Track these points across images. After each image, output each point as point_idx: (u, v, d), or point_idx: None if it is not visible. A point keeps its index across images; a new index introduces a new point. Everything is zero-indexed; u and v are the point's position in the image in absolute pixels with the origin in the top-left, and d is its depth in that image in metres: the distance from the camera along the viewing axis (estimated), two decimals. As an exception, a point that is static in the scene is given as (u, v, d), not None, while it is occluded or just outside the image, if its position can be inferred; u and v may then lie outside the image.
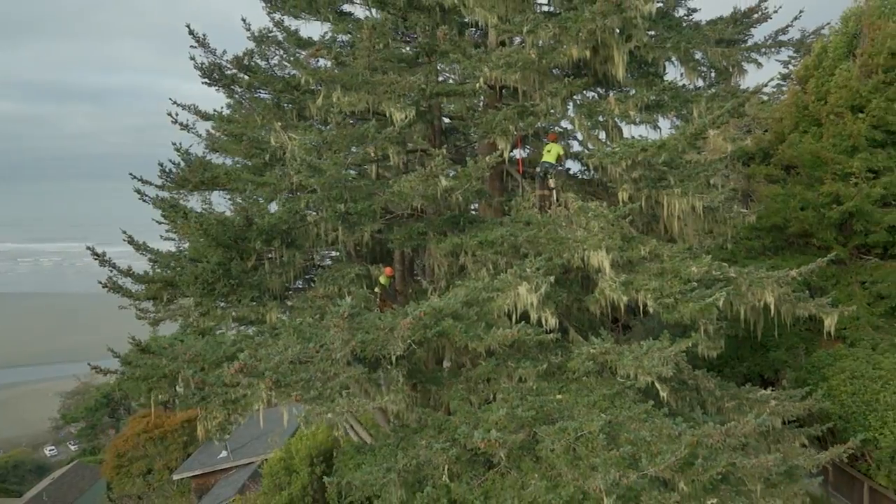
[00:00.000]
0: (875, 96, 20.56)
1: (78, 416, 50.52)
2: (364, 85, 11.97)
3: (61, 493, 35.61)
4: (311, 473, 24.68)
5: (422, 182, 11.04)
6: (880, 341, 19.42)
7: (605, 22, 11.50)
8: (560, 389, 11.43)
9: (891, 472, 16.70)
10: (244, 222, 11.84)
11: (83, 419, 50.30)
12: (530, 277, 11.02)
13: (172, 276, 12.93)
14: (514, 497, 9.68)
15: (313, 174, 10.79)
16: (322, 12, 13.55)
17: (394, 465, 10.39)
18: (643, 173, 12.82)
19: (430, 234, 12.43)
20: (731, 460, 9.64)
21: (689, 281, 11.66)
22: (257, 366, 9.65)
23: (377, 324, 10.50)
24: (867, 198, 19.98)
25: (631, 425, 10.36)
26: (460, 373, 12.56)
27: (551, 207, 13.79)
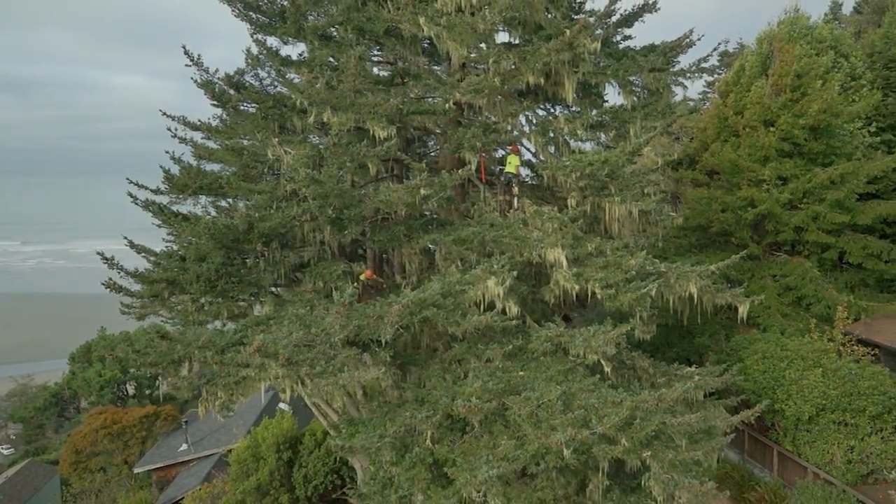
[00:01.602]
0: (783, 112, 23.45)
1: (26, 416, 50.05)
2: (351, 106, 13.75)
3: (15, 492, 35.70)
4: (279, 459, 26.23)
5: (407, 192, 12.93)
6: (787, 327, 22.34)
7: (558, 56, 13.62)
8: (522, 367, 13.48)
9: (795, 438, 19.47)
10: (246, 226, 13.46)
11: (31, 419, 49.86)
12: (497, 272, 13.03)
13: (175, 275, 14.37)
14: (489, 454, 11.66)
15: (313, 185, 12.53)
16: (308, 37, 15.23)
17: (384, 432, 12.25)
18: (588, 183, 14.98)
19: (408, 236, 14.31)
20: (662, 420, 11.90)
21: (628, 272, 13.90)
22: (270, 346, 11.33)
23: (369, 311, 12.32)
24: (777, 202, 22.85)
25: (581, 395, 12.48)
26: (435, 355, 14.52)
27: (511, 211, 15.87)
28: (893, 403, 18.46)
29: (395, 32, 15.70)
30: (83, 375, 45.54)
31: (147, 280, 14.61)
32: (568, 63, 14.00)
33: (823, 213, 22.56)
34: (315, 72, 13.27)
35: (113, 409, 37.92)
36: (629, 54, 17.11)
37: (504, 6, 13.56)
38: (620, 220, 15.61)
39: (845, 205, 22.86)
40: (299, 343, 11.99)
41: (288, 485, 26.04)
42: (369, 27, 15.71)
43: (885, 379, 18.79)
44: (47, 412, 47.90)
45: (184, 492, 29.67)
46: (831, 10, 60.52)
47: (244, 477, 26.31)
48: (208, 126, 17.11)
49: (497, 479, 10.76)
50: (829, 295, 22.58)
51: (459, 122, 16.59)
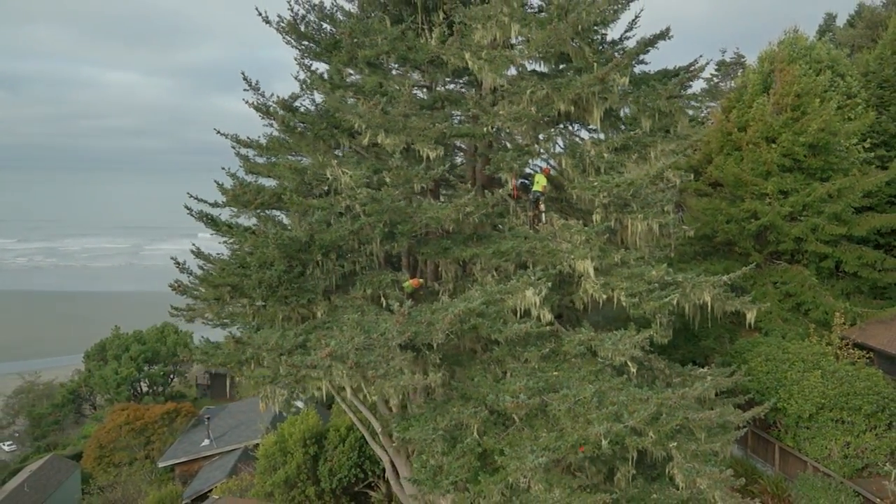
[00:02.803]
0: (785, 130, 25.05)
1: (44, 412, 51.29)
2: (403, 129, 15.22)
3: (40, 485, 36.97)
4: (305, 454, 27.67)
5: (454, 210, 14.42)
6: (788, 331, 23.94)
7: (589, 88, 15.14)
8: (556, 368, 15.00)
9: (796, 435, 21.05)
10: (308, 238, 14.92)
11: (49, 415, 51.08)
12: (535, 283, 14.53)
13: (238, 281, 15.80)
14: (532, 445, 13.15)
15: (373, 203, 14.01)
16: (359, 65, 16.69)
17: (437, 425, 13.74)
18: (612, 200, 16.52)
19: (452, 248, 15.79)
20: (685, 416, 13.44)
21: (650, 283, 15.43)
22: (339, 350, 12.78)
23: (421, 318, 13.79)
24: (778, 214, 24.45)
25: (611, 393, 14.00)
26: (474, 356, 16.01)
27: (539, 225, 17.38)
28: (886, 403, 20.09)
29: (436, 61, 17.16)
30: (100, 373, 46.81)
31: (212, 284, 16.00)
32: (598, 93, 15.50)
33: (822, 225, 24.17)
34: (375, 99, 14.68)
35: (135, 406, 39.28)
36: (647, 81, 18.61)
37: (540, 43, 15.05)
38: (640, 234, 17.13)
39: (842, 217, 24.48)
40: (360, 346, 13.45)
41: (314, 478, 27.47)
42: (412, 56, 17.19)
43: (878, 380, 20.41)
44: (65, 408, 49.13)
45: (210, 485, 31.07)
46: (825, 22, 62.36)
47: (272, 470, 27.72)
48: (259, 144, 18.55)
49: (542, 466, 12.25)
50: (827, 301, 24.19)
51: (491, 144, 18.12)
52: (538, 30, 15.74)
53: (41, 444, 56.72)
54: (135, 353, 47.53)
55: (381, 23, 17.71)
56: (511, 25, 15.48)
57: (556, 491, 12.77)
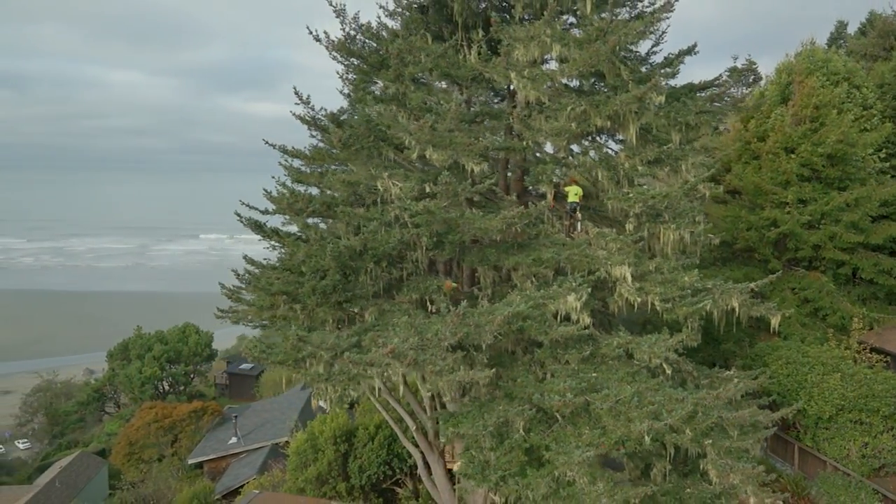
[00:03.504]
0: (804, 141, 25.93)
1: (70, 409, 52.41)
2: (450, 145, 16.16)
3: (71, 480, 38.04)
4: (336, 451, 28.60)
5: (501, 221, 15.35)
6: (807, 336, 24.80)
7: (627, 106, 16.05)
8: (594, 369, 15.91)
9: (815, 435, 21.93)
10: (362, 247, 15.86)
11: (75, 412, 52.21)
12: (577, 288, 15.45)
13: (293, 288, 16.74)
14: (576, 441, 14.07)
15: (426, 215, 14.95)
16: (405, 82, 17.63)
17: (485, 422, 14.66)
18: (645, 210, 17.43)
19: (496, 255, 16.72)
20: (720, 415, 14.34)
21: (683, 288, 16.32)
22: (399, 349, 13.70)
23: (470, 321, 14.70)
24: (797, 223, 25.33)
25: (648, 393, 14.89)
26: (515, 357, 16.93)
27: (575, 233, 18.31)
28: (903, 405, 20.97)
29: (477, 78, 18.11)
30: (124, 372, 47.88)
31: (269, 292, 16.93)
32: (634, 110, 16.41)
33: (839, 233, 25.04)
34: (425, 118, 15.61)
35: (162, 404, 40.32)
36: (676, 96, 19.52)
37: (581, 63, 15.97)
38: (671, 242, 18.02)
39: (859, 226, 25.35)
40: (415, 346, 14.37)
41: (344, 474, 28.39)
42: (454, 73, 18.15)
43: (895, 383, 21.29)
44: (90, 406, 50.20)
45: (240, 481, 32.04)
46: (836, 30, 63.08)
47: (303, 467, 28.66)
48: (305, 154, 19.52)
49: (589, 461, 13.17)
50: (844, 307, 25.05)
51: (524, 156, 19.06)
52: (576, 49, 16.67)
53: (62, 441, 57.83)
54: (158, 352, 48.59)
55: (423, 40, 18.68)
56: (552, 45, 16.40)
57: (599, 484, 13.68)
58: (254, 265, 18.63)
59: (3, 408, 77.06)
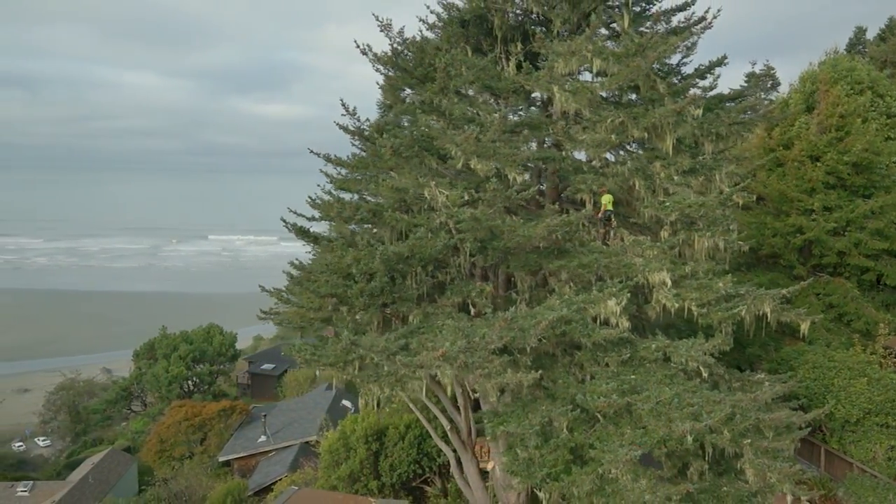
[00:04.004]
0: (829, 150, 26.45)
1: (99, 408, 53.45)
2: (493, 155, 16.85)
3: (103, 476, 38.94)
4: (367, 450, 29.29)
5: (544, 228, 16.02)
6: (832, 340, 25.29)
7: (665, 119, 16.68)
8: (633, 372, 16.52)
9: (841, 438, 22.43)
10: (409, 252, 16.57)
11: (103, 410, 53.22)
12: (617, 294, 16.08)
13: (341, 290, 17.45)
14: (618, 440, 14.70)
15: (472, 222, 15.63)
16: (449, 95, 18.34)
17: (530, 421, 15.30)
18: (680, 218, 18.04)
19: (538, 261, 17.39)
20: (757, 416, 14.93)
21: (718, 294, 16.92)
22: (450, 353, 14.38)
23: (515, 325, 15.36)
24: (823, 230, 25.85)
25: (686, 395, 15.50)
26: (556, 360, 17.57)
27: (610, 240, 18.94)
28: (929, 409, 21.43)
29: (517, 90, 18.79)
30: (152, 371, 48.81)
31: (319, 294, 17.66)
32: (672, 123, 17.04)
33: (864, 240, 25.54)
34: (470, 129, 16.30)
35: (191, 403, 41.19)
36: (709, 107, 20.11)
37: (621, 77, 16.63)
38: (705, 249, 18.60)
39: (884, 233, 25.84)
40: (463, 349, 15.04)
41: (375, 473, 29.08)
42: (495, 85, 18.84)
43: (921, 388, 21.77)
44: (118, 405, 51.18)
45: (272, 478, 32.80)
46: (855, 35, 63.29)
47: (335, 465, 29.38)
48: (347, 162, 20.27)
49: (634, 459, 13.80)
50: (868, 313, 25.53)
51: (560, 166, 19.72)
52: (615, 63, 17.33)
53: (87, 439, 58.84)
54: (183, 352, 49.51)
55: (463, 53, 19.38)
56: (593, 60, 17.06)
57: (642, 481, 14.30)
58: (300, 269, 19.34)
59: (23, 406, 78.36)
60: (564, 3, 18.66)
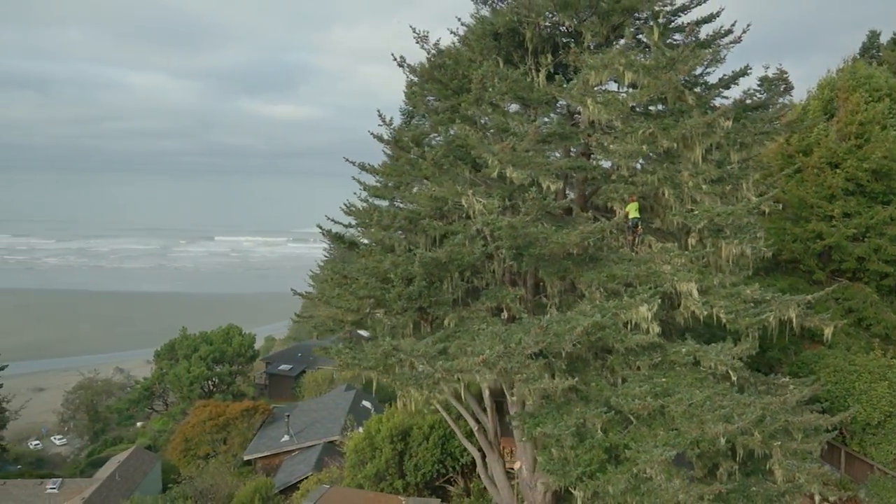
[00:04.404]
0: (849, 157, 26.89)
1: (121, 407, 54.31)
2: (529, 164, 17.45)
3: (129, 474, 39.72)
4: (393, 450, 29.87)
5: (578, 235, 16.60)
6: (852, 345, 25.74)
7: (695, 130, 17.23)
8: (663, 375, 17.08)
9: (862, 441, 22.89)
10: (448, 258, 17.18)
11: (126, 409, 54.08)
12: (648, 300, 16.63)
13: (379, 293, 18.09)
14: (652, 441, 15.26)
15: (510, 230, 16.23)
16: (483, 106, 18.95)
17: (566, 422, 15.88)
18: (707, 226, 18.56)
19: (571, 268, 17.96)
20: (786, 419, 15.47)
21: (746, 301, 17.44)
22: (491, 358, 14.96)
23: (552, 331, 15.94)
24: (843, 236, 26.30)
25: (716, 398, 16.04)
26: (587, 364, 18.13)
27: (637, 247, 19.47)
28: (949, 412, 21.88)
29: (549, 101, 19.38)
30: (174, 371, 49.59)
31: (357, 296, 18.29)
32: (701, 134, 17.58)
33: (884, 246, 25.98)
34: (508, 140, 16.91)
35: (215, 403, 41.93)
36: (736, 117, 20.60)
37: (653, 90, 17.19)
38: (733, 256, 19.11)
39: (903, 239, 26.30)
40: (501, 354, 15.62)
41: (400, 472, 29.67)
42: (527, 96, 19.43)
43: (942, 391, 22.22)
44: (140, 404, 52.00)
45: (297, 477, 33.46)
46: (869, 39, 63.47)
47: (361, 465, 30.00)
48: (384, 171, 20.91)
49: (670, 459, 14.36)
50: (888, 317, 25.98)
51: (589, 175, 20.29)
52: (645, 76, 17.89)
53: (107, 438, 59.72)
54: (204, 352, 50.26)
55: (495, 65, 19.95)
56: (625, 73, 17.63)
57: (675, 481, 14.86)
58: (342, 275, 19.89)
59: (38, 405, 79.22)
60: (594, 17, 19.22)
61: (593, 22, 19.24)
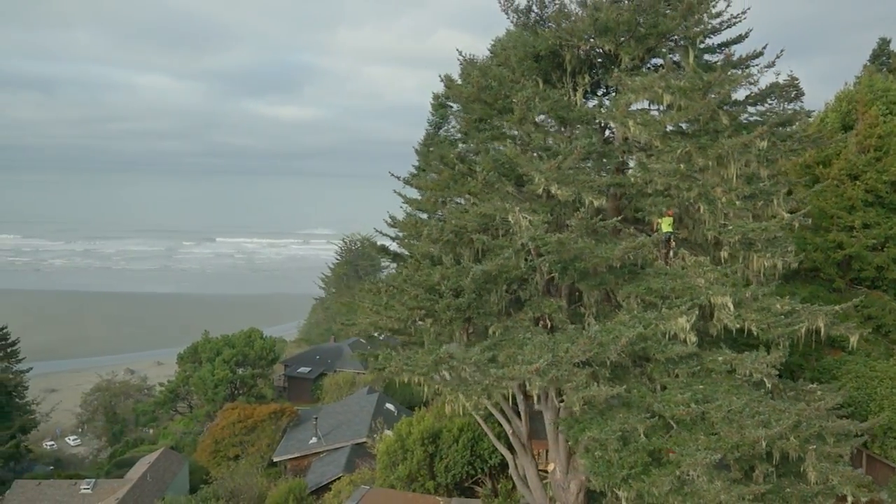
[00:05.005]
0: (868, 169, 27.80)
1: (147, 409, 55.35)
2: (573, 182, 18.42)
3: (159, 475, 40.72)
4: (424, 452, 30.80)
5: (622, 251, 17.57)
6: (871, 351, 26.65)
7: (732, 149, 18.18)
8: (700, 382, 18.02)
9: (883, 444, 23.80)
10: (497, 272, 18.15)
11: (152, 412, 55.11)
12: (687, 312, 17.58)
13: (429, 304, 19.04)
14: (693, 445, 16.20)
15: (559, 246, 17.20)
16: (525, 126, 19.95)
17: (611, 427, 16.83)
18: (740, 240, 19.49)
19: (613, 280, 18.93)
20: (821, 424, 16.41)
21: (777, 315, 18.37)
22: (544, 368, 15.91)
23: (598, 341, 16.90)
24: (863, 246, 27.22)
25: (752, 404, 16.99)
26: (626, 370, 19.09)
27: (670, 260, 20.41)
28: (969, 417, 22.79)
29: (588, 120, 20.37)
30: (198, 374, 50.58)
31: (408, 307, 19.24)
32: (737, 152, 18.53)
33: (902, 256, 26.93)
34: (557, 159, 17.89)
35: (243, 406, 42.92)
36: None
37: (692, 112, 18.16)
38: (764, 269, 20.01)
39: (922, 249, 27.22)
40: (551, 363, 16.58)
41: (430, 474, 30.60)
42: (567, 115, 20.41)
43: (961, 397, 23.13)
44: (165, 406, 53.01)
45: (327, 478, 34.43)
46: (879, 46, 64.27)
47: (392, 466, 30.96)
48: (428, 185, 21.90)
49: (713, 462, 15.32)
50: (906, 325, 26.89)
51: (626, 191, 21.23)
52: (681, 97, 18.86)
53: (129, 439, 60.75)
54: (227, 356, 51.26)
55: (535, 85, 20.94)
56: (663, 96, 18.59)
57: (717, 482, 15.81)
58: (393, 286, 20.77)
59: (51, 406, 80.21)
60: (632, 40, 20.18)
61: (630, 45, 20.19)
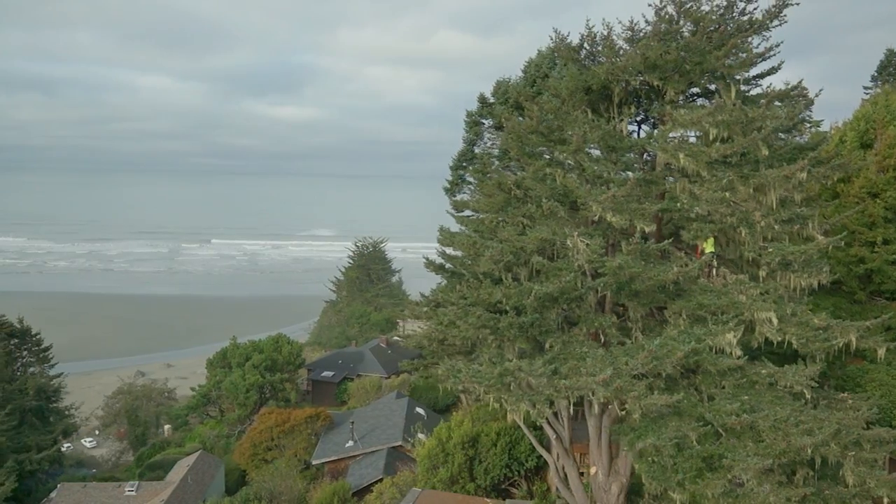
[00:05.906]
0: (889, 187, 29.44)
1: (179, 413, 56.86)
2: (626, 210, 20.03)
3: (198, 477, 42.25)
4: (465, 455, 32.41)
5: (675, 273, 19.19)
6: (892, 360, 28.27)
7: (774, 180, 19.80)
8: (745, 393, 19.65)
9: (905, 448, 25.42)
10: (559, 293, 19.76)
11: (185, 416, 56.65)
12: (733, 329, 19.20)
13: (493, 322, 20.64)
14: (743, 452, 17.81)
15: (618, 269, 18.81)
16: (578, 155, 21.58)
17: (667, 434, 18.44)
18: (779, 261, 21.09)
19: (663, 299, 20.55)
20: (859, 431, 18.03)
21: (815, 329, 19.99)
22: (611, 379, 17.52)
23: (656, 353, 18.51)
24: (885, 261, 28.86)
25: (796, 414, 18.61)
26: (675, 381, 20.71)
27: (711, 279, 22.01)
28: None
29: (635, 149, 22.01)
30: (229, 379, 52.11)
31: (474, 325, 20.82)
32: (778, 182, 20.15)
33: (921, 270, 28.54)
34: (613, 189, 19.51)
35: (279, 410, 44.48)
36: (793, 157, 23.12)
37: (738, 145, 19.77)
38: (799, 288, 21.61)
39: (939, 263, 28.84)
40: (614, 375, 18.19)
41: (470, 476, 32.21)
42: (616, 145, 22.03)
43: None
44: (198, 410, 54.53)
45: (367, 481, 35.99)
46: (886, 58, 66.02)
47: (433, 469, 32.55)
48: (486, 207, 23.52)
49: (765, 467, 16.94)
50: (925, 336, 28.48)
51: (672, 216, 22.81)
52: (724, 130, 20.50)
53: (156, 441, 62.25)
54: (256, 361, 52.82)
55: (584, 115, 22.56)
56: (710, 129, 20.21)
57: (766, 485, 17.44)
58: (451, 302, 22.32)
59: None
60: (677, 75, 21.79)
61: (675, 79, 21.80)
